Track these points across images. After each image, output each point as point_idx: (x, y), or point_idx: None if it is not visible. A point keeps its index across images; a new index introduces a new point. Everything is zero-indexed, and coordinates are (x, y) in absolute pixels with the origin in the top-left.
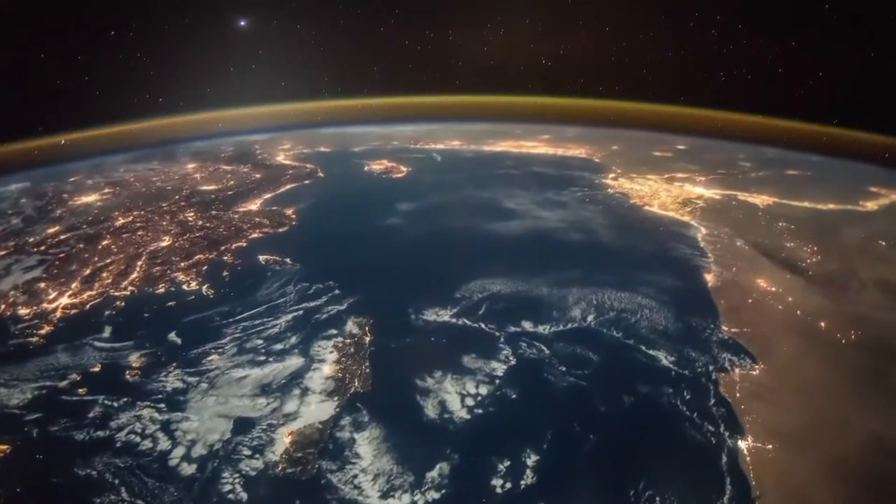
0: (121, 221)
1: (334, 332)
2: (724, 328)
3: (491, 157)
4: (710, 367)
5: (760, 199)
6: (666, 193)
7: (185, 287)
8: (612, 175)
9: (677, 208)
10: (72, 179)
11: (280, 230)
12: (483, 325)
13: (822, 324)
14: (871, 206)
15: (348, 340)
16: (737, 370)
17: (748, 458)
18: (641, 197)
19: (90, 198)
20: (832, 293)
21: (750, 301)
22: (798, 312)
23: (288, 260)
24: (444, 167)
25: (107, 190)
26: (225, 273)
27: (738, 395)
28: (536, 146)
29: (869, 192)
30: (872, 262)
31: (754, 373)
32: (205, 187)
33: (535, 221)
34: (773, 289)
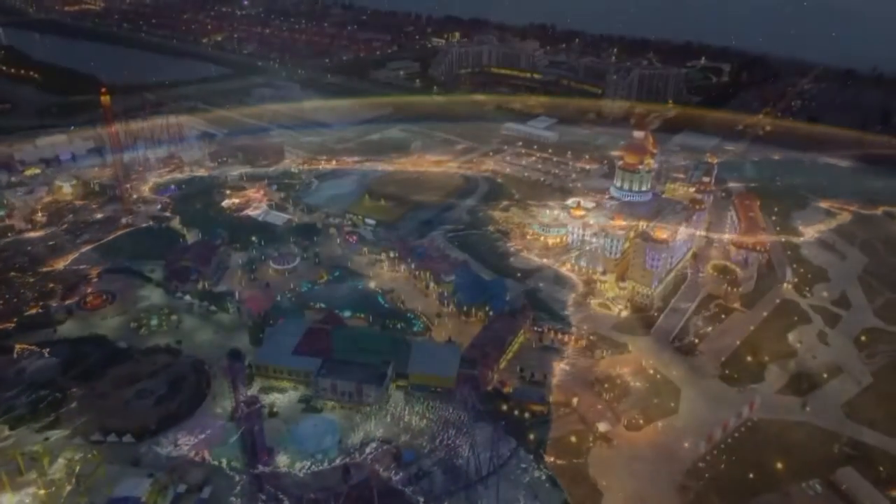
0: None
1: None
2: None
3: (375, 180)
4: None
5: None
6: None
7: None
8: (504, 203)
9: (554, 260)
10: None
11: (66, 303)
12: None
13: None
14: (799, 239)
15: None
16: None
17: None
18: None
19: None
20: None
21: None
22: None
23: (46, 352)
24: (310, 198)
25: None
26: None
27: None
28: (445, 161)
29: (816, 208)
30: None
31: None
32: (31, 234)
33: None
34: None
